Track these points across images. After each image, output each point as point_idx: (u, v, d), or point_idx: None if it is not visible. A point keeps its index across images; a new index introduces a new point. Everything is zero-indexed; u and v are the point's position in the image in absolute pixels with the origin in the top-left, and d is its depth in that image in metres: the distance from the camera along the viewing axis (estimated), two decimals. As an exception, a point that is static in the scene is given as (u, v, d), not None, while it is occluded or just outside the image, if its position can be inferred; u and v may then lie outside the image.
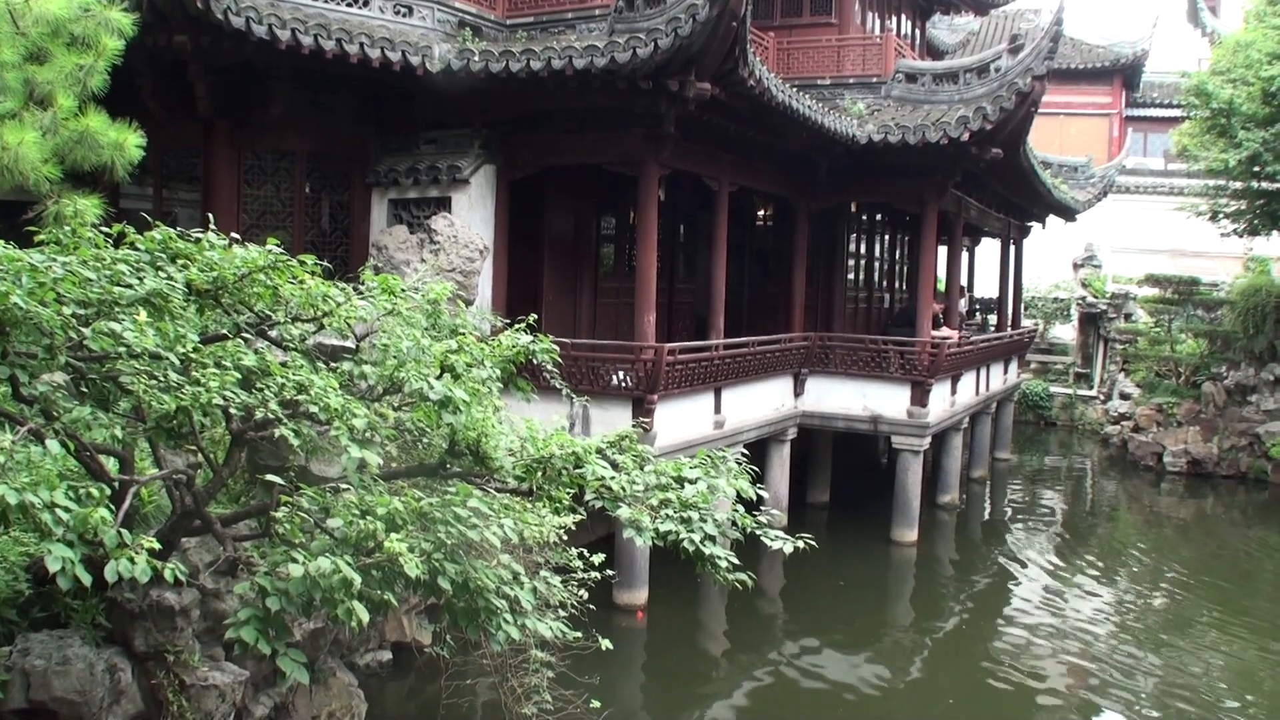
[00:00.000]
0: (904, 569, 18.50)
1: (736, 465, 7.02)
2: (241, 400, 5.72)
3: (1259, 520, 23.58)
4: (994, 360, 24.91)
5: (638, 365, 13.77)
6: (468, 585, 5.49)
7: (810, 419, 19.22)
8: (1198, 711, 12.29)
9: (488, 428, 6.45)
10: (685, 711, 12.01)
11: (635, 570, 14.42)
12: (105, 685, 6.66)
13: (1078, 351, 36.44)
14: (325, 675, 8.03)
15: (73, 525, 4.96)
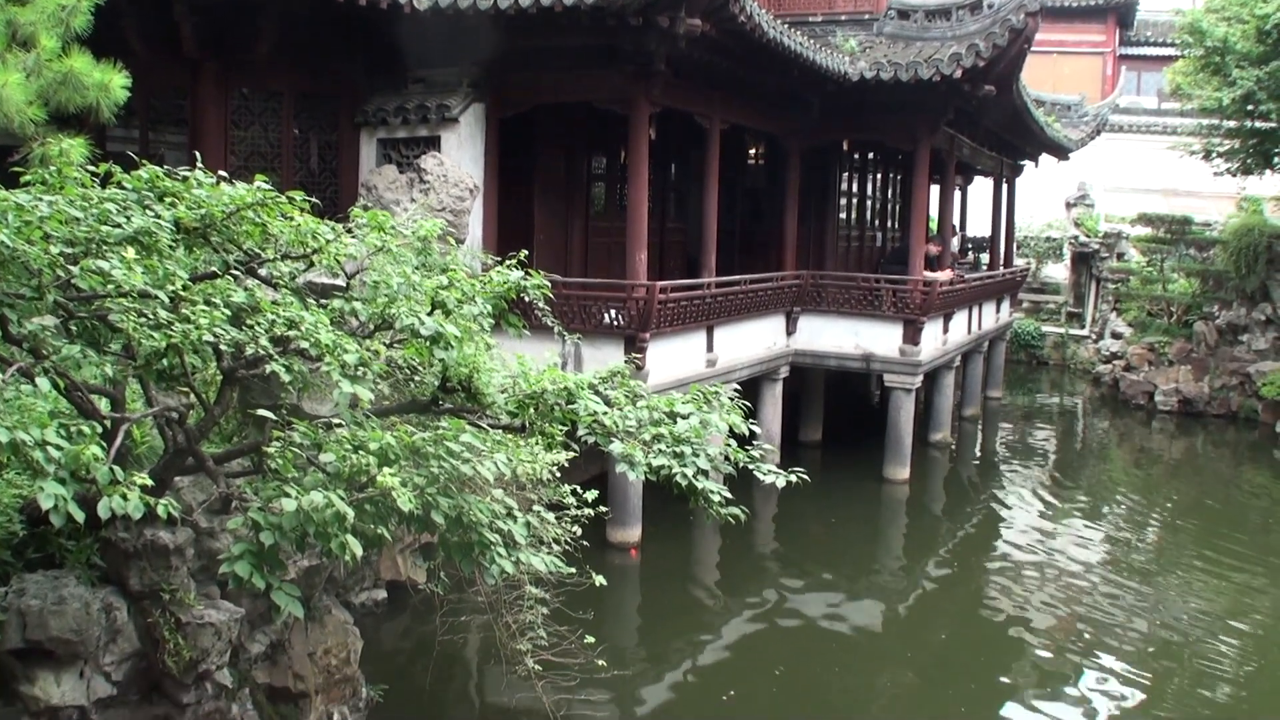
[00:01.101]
0: (896, 507, 18.62)
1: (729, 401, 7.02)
2: (232, 337, 5.69)
3: (1249, 459, 23.72)
4: (986, 299, 24.92)
5: (630, 304, 13.75)
6: (461, 520, 5.51)
7: (803, 357, 19.25)
8: (1187, 647, 12.42)
9: (480, 364, 6.43)
10: (679, 647, 12.11)
11: (628, 508, 14.49)
12: (101, 624, 6.68)
13: (1070, 291, 36.42)
14: (320, 613, 8.07)
15: (64, 463, 4.94)
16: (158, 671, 6.89)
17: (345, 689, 8.19)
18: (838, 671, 11.79)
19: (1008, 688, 11.42)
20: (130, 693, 6.92)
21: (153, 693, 6.99)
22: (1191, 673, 11.73)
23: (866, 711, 11.17)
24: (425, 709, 10.17)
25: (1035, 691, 11.28)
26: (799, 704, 11.00)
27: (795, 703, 11.02)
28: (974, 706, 11.01)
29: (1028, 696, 11.17)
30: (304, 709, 7.74)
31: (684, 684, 11.23)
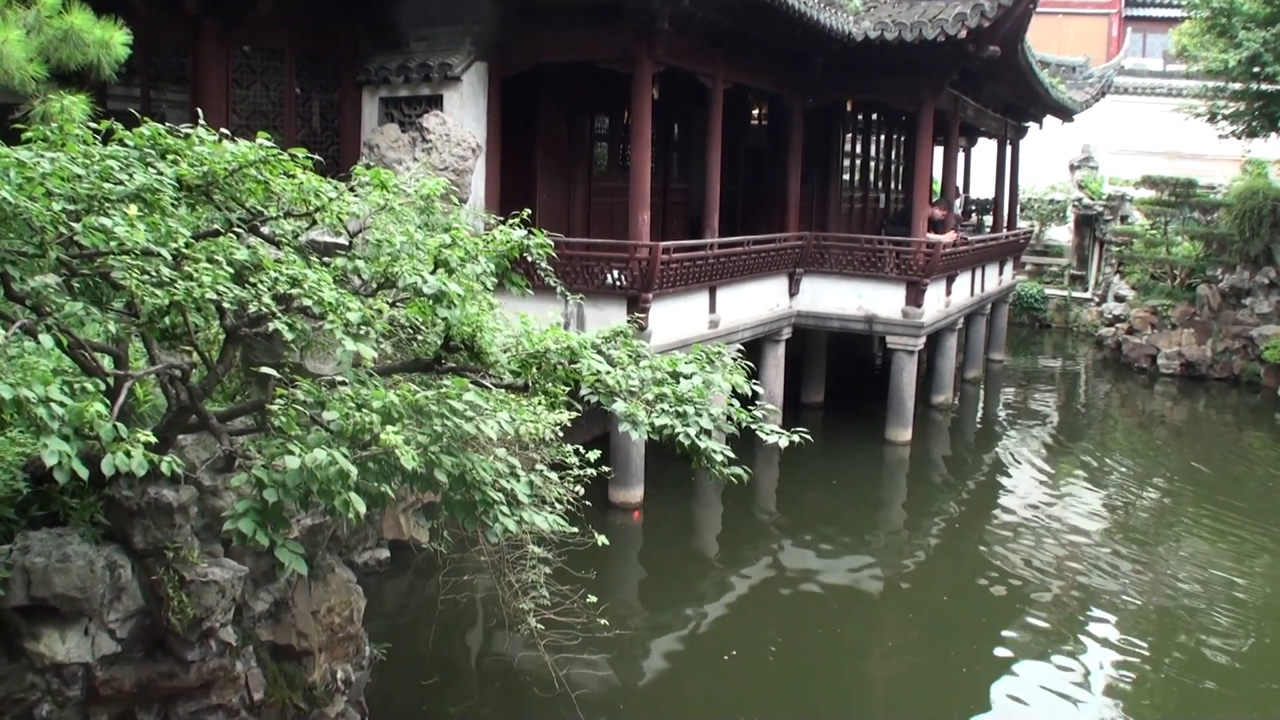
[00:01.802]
0: (898, 468, 18.65)
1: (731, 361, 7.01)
2: (234, 295, 5.67)
3: (1251, 423, 23.73)
4: (989, 261, 24.86)
5: (632, 264, 13.72)
6: (464, 478, 5.50)
7: (805, 319, 19.22)
8: (1187, 608, 12.47)
9: (483, 323, 6.41)
10: (681, 607, 12.16)
11: (631, 469, 14.52)
12: (106, 582, 6.69)
13: (1073, 253, 36.34)
14: (324, 571, 8.08)
15: (68, 420, 4.93)
16: (162, 629, 6.90)
17: (348, 647, 8.22)
18: (839, 632, 11.85)
19: (1008, 648, 11.48)
20: (135, 650, 6.94)
21: (157, 650, 7.01)
22: (1191, 635, 11.77)
23: (868, 672, 11.23)
24: (428, 667, 10.23)
25: (1036, 652, 11.34)
26: (800, 664, 11.06)
27: (797, 662, 11.08)
28: (975, 667, 11.07)
29: (1028, 657, 11.23)
30: (307, 667, 7.76)
31: (686, 643, 11.28)
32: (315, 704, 7.83)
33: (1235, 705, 10.49)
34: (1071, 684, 10.66)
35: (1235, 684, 10.85)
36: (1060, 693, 10.51)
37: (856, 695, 10.70)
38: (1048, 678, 10.79)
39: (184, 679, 7.05)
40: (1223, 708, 10.42)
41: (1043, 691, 10.55)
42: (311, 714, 7.81)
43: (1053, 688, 10.60)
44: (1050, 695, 10.47)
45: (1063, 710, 10.21)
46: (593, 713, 9.31)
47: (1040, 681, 10.74)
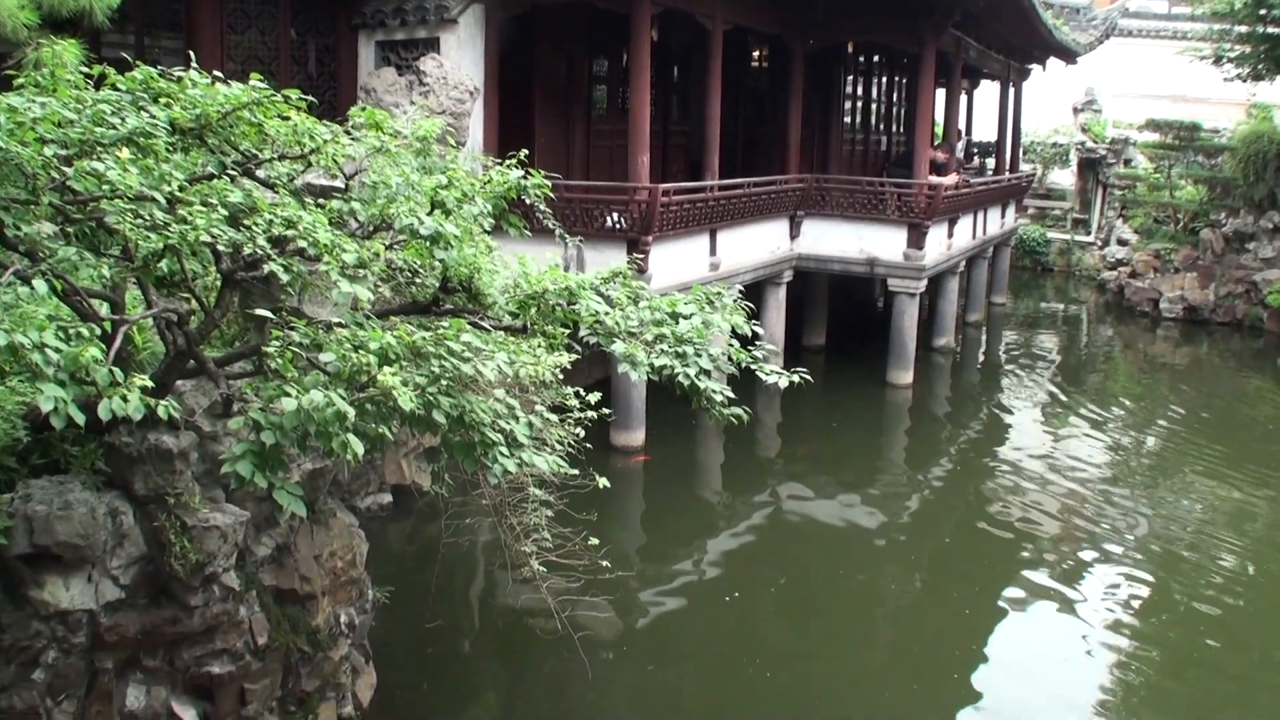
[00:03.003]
0: (899, 411, 18.66)
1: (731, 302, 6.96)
2: (229, 238, 5.61)
3: (1253, 367, 23.69)
4: (991, 204, 24.73)
5: (632, 206, 13.65)
6: (463, 419, 5.47)
7: (806, 261, 19.15)
8: (1189, 552, 12.50)
9: (480, 264, 6.36)
10: (682, 549, 12.21)
11: (631, 411, 14.54)
12: (108, 529, 6.69)
13: (1076, 197, 36.15)
14: (325, 516, 8.08)
15: (64, 365, 4.90)
16: (165, 575, 6.91)
17: (351, 591, 8.24)
18: (842, 574, 11.89)
19: (1011, 590, 11.51)
20: (138, 596, 6.96)
21: (160, 595, 7.03)
22: (1192, 576, 11.82)
23: (870, 613, 11.27)
24: (431, 610, 10.27)
25: (1038, 594, 11.38)
26: (803, 605, 11.11)
27: (799, 604, 11.13)
28: (977, 608, 11.11)
29: (1030, 598, 11.27)
30: (311, 610, 7.79)
31: (688, 585, 11.33)
32: (319, 647, 7.87)
33: (1238, 643, 10.54)
34: (1075, 624, 10.71)
35: (1238, 622, 10.89)
36: (1064, 632, 10.56)
37: (859, 637, 10.75)
38: (1051, 617, 10.84)
39: (188, 624, 7.08)
40: (1226, 645, 10.46)
41: (1046, 631, 10.61)
42: (315, 657, 7.85)
43: (1056, 627, 10.66)
44: (1054, 635, 10.53)
45: (1067, 650, 10.26)
46: (595, 654, 9.36)
47: (1044, 621, 10.79)
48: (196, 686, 7.29)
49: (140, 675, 7.12)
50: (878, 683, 9.80)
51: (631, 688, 9.39)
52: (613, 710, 9.03)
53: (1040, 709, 9.29)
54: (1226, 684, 9.80)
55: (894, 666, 10.18)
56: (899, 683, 9.75)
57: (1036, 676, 9.87)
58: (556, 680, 9.27)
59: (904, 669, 10.05)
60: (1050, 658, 10.17)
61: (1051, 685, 9.65)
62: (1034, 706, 9.34)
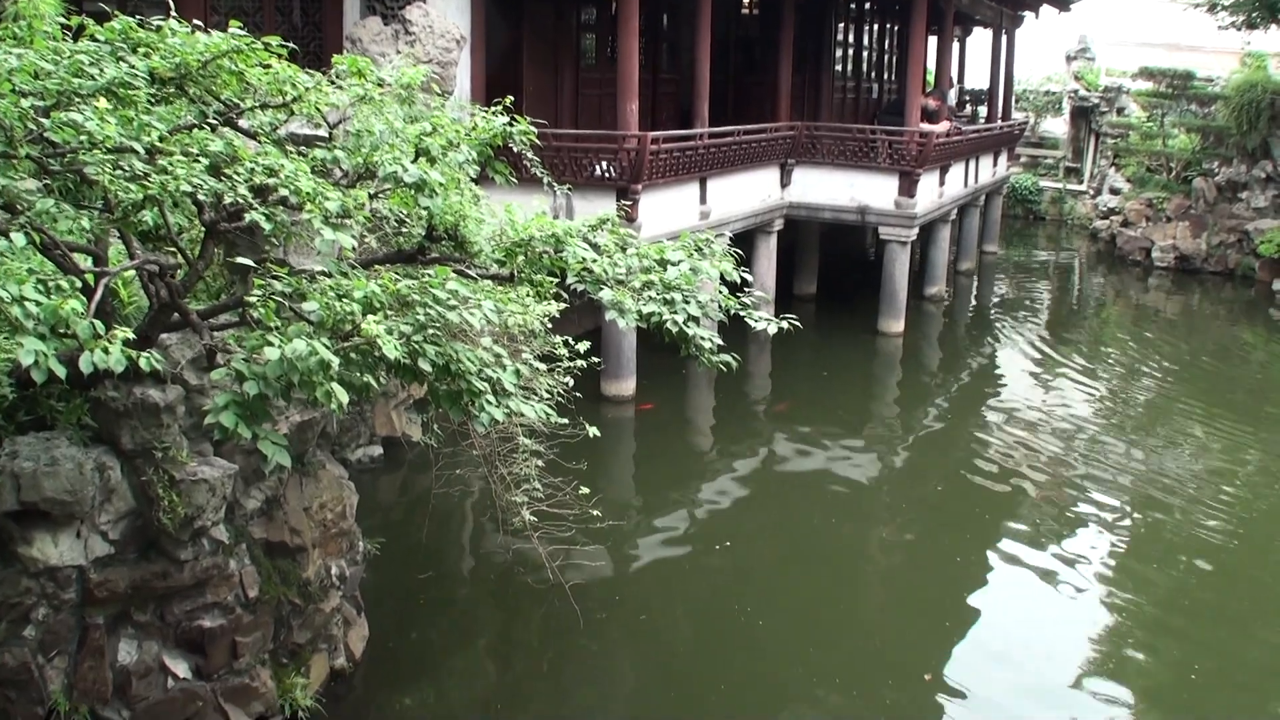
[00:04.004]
0: (890, 359, 18.65)
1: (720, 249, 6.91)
2: (210, 187, 5.54)
3: (1244, 317, 23.68)
4: (983, 152, 24.61)
5: (621, 155, 13.56)
6: (449, 368, 5.42)
7: (797, 210, 19.07)
8: (1179, 500, 12.52)
9: (466, 212, 6.30)
10: (674, 498, 12.21)
11: (622, 360, 14.52)
12: (95, 484, 6.66)
13: (1068, 145, 35.99)
14: (314, 468, 8.05)
15: (43, 318, 4.84)
16: (154, 529, 6.89)
17: (342, 543, 8.23)
18: (834, 522, 11.90)
19: (1001, 537, 11.53)
20: (128, 551, 6.95)
21: (150, 550, 7.01)
22: (1182, 525, 11.84)
23: (861, 561, 11.31)
24: (422, 561, 10.28)
25: (1028, 541, 11.40)
26: (794, 553, 11.12)
27: (790, 552, 11.15)
28: (968, 556, 11.13)
29: (1021, 546, 11.30)
30: (301, 563, 7.77)
31: (679, 534, 11.34)
32: (310, 599, 7.86)
33: (1229, 591, 10.59)
34: (1065, 572, 10.74)
35: (1228, 571, 10.94)
36: (1054, 580, 10.59)
37: (850, 584, 10.78)
38: (1041, 565, 10.87)
39: (178, 578, 7.07)
40: (1216, 593, 10.51)
41: (1036, 578, 10.64)
42: (307, 609, 7.85)
43: (1046, 575, 10.68)
44: (1044, 582, 10.56)
45: (1057, 597, 10.30)
46: (587, 603, 9.36)
47: (1034, 569, 10.82)
48: (188, 640, 7.29)
49: (131, 630, 7.11)
50: (869, 629, 9.83)
51: (624, 636, 9.41)
52: (605, 659, 9.06)
53: (1030, 656, 9.32)
54: (1217, 631, 9.84)
55: (885, 614, 10.21)
56: (890, 629, 9.79)
57: (1027, 624, 9.90)
58: (549, 630, 9.28)
59: (895, 616, 10.09)
60: (1040, 605, 10.20)
61: (1041, 632, 9.68)
62: (1024, 654, 9.38)
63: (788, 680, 8.77)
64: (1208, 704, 8.74)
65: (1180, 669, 9.19)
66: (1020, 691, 8.82)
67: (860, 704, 8.51)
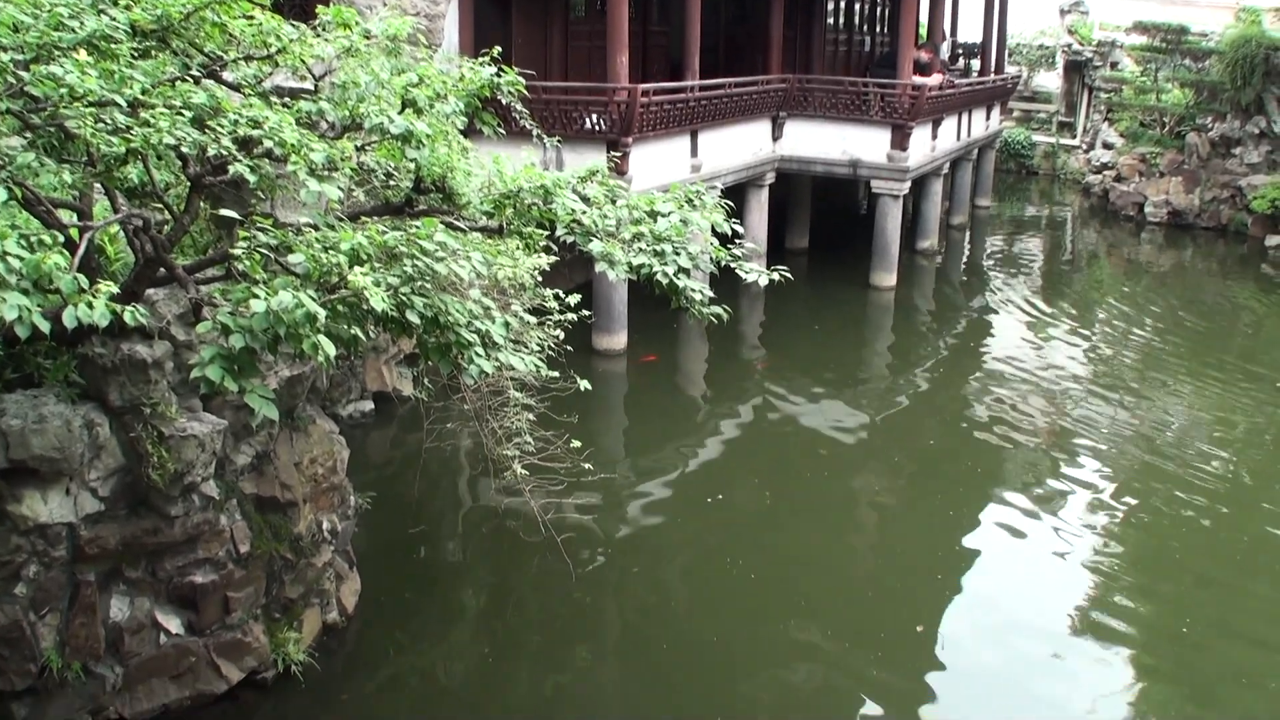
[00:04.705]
0: (882, 313, 18.63)
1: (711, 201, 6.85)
2: (194, 139, 5.47)
3: (1237, 272, 23.64)
4: (976, 106, 24.47)
5: (611, 107, 13.46)
6: (438, 321, 5.38)
7: (789, 163, 18.97)
8: (1170, 456, 12.55)
9: (454, 163, 6.24)
10: (665, 451, 12.21)
11: (613, 315, 14.48)
12: (84, 441, 6.64)
13: (1061, 100, 35.80)
14: (304, 422, 8.03)
15: (26, 273, 4.78)
16: (144, 485, 6.88)
17: (333, 497, 8.22)
18: (825, 476, 11.91)
19: (994, 491, 11.56)
20: (118, 507, 6.94)
21: (140, 506, 7.01)
22: (1171, 481, 11.85)
23: (853, 514, 11.33)
24: (414, 515, 10.28)
25: (1020, 495, 11.43)
26: (786, 506, 11.14)
27: (782, 505, 11.16)
28: (960, 509, 11.16)
29: (1013, 500, 11.32)
30: (292, 518, 7.76)
31: (671, 487, 11.34)
32: (302, 554, 7.86)
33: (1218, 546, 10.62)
34: (1056, 524, 10.78)
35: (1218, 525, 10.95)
36: (1045, 533, 10.62)
37: (842, 537, 10.80)
38: (1033, 519, 10.90)
39: (169, 534, 7.06)
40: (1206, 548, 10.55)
41: (1028, 532, 10.67)
42: (298, 564, 7.85)
43: (1038, 529, 10.71)
44: (1035, 536, 10.59)
45: (1048, 550, 10.34)
46: (579, 556, 9.40)
47: (1025, 523, 10.84)
48: (180, 596, 7.29)
49: (123, 586, 7.11)
50: (860, 582, 9.87)
51: (616, 589, 9.44)
52: (597, 612, 9.09)
53: (1020, 608, 9.37)
54: (1208, 585, 9.89)
55: (876, 566, 10.24)
56: (881, 582, 9.82)
57: (1018, 577, 9.95)
58: (541, 582, 9.30)
59: (887, 568, 10.12)
60: (1032, 558, 10.23)
61: (1033, 585, 9.73)
62: (1015, 606, 9.42)
63: (779, 632, 8.81)
64: (1200, 658, 8.79)
65: (1172, 623, 9.24)
66: (1011, 643, 8.87)
67: (852, 655, 8.55)
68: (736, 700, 8.00)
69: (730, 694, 8.05)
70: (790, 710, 7.97)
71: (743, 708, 7.94)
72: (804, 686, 8.26)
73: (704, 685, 8.11)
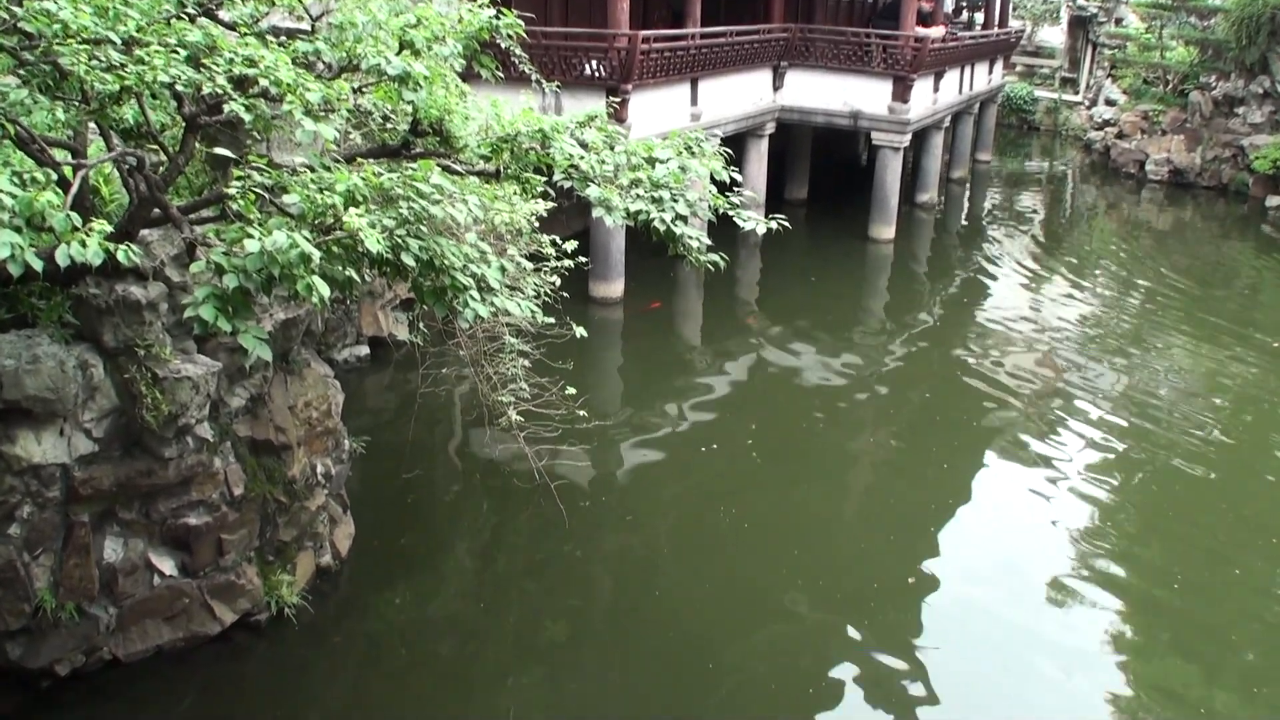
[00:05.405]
0: (880, 265, 18.60)
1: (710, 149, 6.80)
2: (188, 78, 5.41)
3: (1236, 232, 23.56)
4: (978, 59, 24.32)
5: (611, 54, 13.35)
6: (433, 264, 5.35)
7: (789, 114, 18.86)
8: (1164, 412, 12.57)
9: (451, 106, 6.18)
10: (661, 400, 12.21)
11: (610, 262, 14.45)
12: (78, 382, 6.62)
13: (1065, 55, 35.60)
14: (299, 366, 8.00)
15: (19, 210, 4.74)
16: (138, 427, 6.87)
17: (327, 441, 8.22)
18: (821, 427, 11.92)
19: (988, 445, 11.59)
20: (112, 449, 6.93)
21: (134, 448, 6.99)
22: (1166, 437, 11.88)
23: (848, 465, 11.34)
24: (408, 460, 10.30)
25: (1015, 449, 11.46)
26: (780, 457, 11.15)
27: (777, 456, 11.17)
28: (955, 461, 11.18)
29: (1008, 454, 11.35)
30: (286, 461, 7.76)
31: (666, 436, 11.35)
32: (296, 497, 7.87)
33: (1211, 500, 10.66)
34: (1051, 478, 10.81)
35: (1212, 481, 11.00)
36: (1039, 487, 10.66)
37: (837, 488, 10.83)
38: (1027, 473, 10.93)
39: (163, 476, 7.06)
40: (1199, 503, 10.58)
41: (1022, 486, 10.70)
42: (292, 507, 7.86)
43: (1032, 483, 10.74)
44: (1029, 490, 10.62)
45: (1042, 504, 10.37)
46: (573, 503, 9.41)
47: (1020, 477, 10.88)
48: (174, 538, 7.31)
49: (117, 528, 7.12)
50: (854, 533, 9.90)
51: (608, 536, 9.47)
52: (590, 558, 9.11)
53: (1014, 560, 9.41)
54: (1200, 541, 9.91)
55: (871, 518, 10.27)
56: (875, 533, 9.85)
57: (1012, 529, 9.98)
58: (534, 529, 9.33)
59: (881, 521, 10.14)
60: (1026, 511, 10.26)
61: (1026, 538, 9.76)
62: (1008, 558, 9.46)
63: (771, 582, 8.84)
64: (1191, 611, 8.84)
65: (1164, 576, 9.29)
66: (1003, 594, 8.91)
67: (843, 605, 8.59)
68: (728, 649, 8.03)
69: (722, 643, 8.08)
70: (782, 659, 8.02)
71: (735, 657, 7.97)
72: (796, 635, 8.30)
73: (695, 634, 8.14)
